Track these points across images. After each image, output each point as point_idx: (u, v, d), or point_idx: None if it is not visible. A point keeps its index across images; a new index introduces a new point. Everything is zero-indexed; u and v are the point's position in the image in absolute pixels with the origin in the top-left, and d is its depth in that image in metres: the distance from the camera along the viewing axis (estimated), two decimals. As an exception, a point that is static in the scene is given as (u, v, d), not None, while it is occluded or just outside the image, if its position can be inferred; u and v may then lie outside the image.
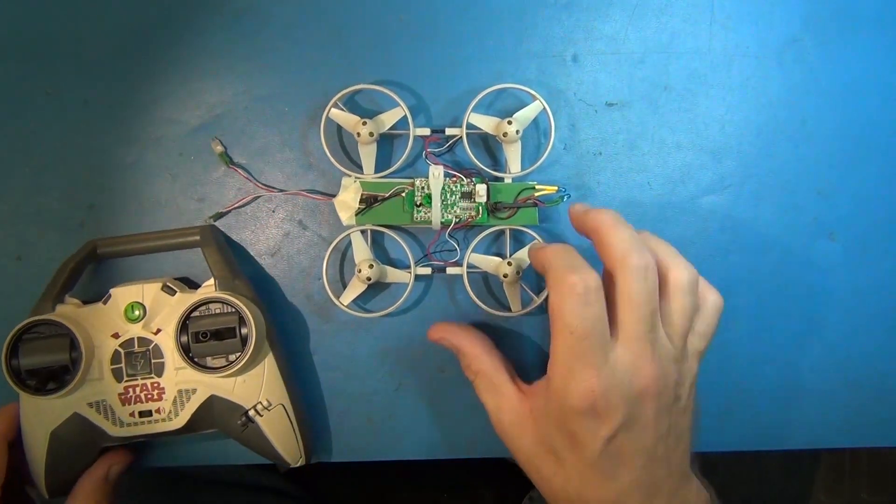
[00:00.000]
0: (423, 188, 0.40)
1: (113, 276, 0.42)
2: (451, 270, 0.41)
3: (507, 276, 0.40)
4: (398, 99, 0.40)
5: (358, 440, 0.43)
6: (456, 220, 0.40)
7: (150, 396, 0.37)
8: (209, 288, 0.39)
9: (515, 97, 0.42)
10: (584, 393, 0.30)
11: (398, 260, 0.42)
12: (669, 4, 0.42)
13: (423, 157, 0.42)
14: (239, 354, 0.36)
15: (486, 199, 0.40)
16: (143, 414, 0.37)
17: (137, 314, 0.38)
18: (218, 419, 0.38)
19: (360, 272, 0.40)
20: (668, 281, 0.33)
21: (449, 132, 0.41)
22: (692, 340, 0.34)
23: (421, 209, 0.40)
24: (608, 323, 0.31)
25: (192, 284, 0.41)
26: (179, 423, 0.37)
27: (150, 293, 0.38)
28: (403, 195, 0.40)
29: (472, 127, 0.41)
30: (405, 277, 0.41)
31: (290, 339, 0.42)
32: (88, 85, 0.42)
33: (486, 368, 0.36)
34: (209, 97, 0.42)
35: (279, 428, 0.38)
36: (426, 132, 0.41)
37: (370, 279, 0.40)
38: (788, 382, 0.43)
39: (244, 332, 0.37)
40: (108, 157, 0.42)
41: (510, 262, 0.40)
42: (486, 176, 0.41)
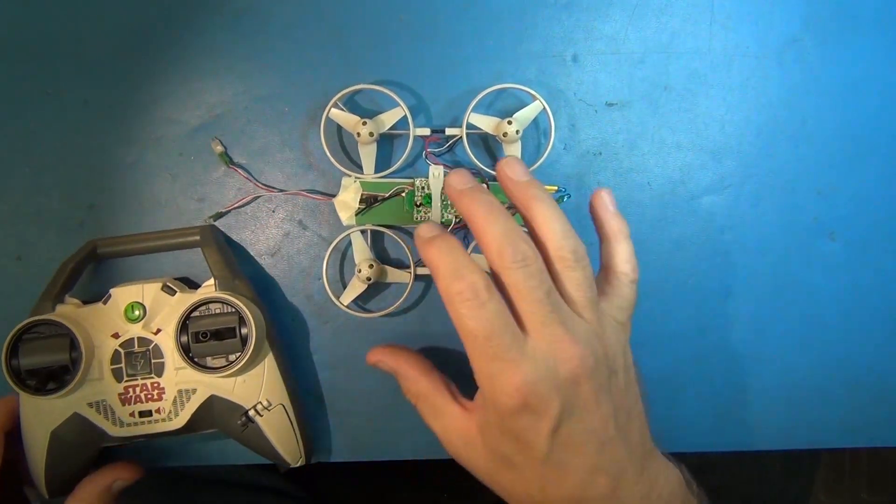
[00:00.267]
0: (423, 188, 0.40)
1: (113, 276, 0.42)
2: (451, 270, 0.41)
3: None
4: (398, 99, 0.40)
5: (358, 440, 0.43)
6: (456, 220, 0.40)
7: (150, 396, 0.37)
8: (209, 288, 0.39)
9: (515, 97, 0.42)
10: (511, 391, 0.29)
11: (398, 260, 0.42)
12: (669, 4, 0.42)
13: (423, 157, 0.42)
14: (239, 354, 0.37)
15: (486, 199, 0.40)
16: (143, 414, 0.37)
17: (137, 314, 0.38)
18: (218, 419, 0.38)
19: (360, 272, 0.40)
20: (550, 258, 0.32)
21: (449, 132, 0.41)
22: (609, 311, 0.33)
23: (421, 209, 0.40)
24: (512, 317, 0.30)
25: (192, 284, 0.42)
26: (179, 423, 0.37)
27: (150, 293, 0.38)
28: (403, 195, 0.40)
29: (472, 127, 0.41)
30: (405, 277, 0.41)
31: (290, 339, 0.42)
32: (88, 85, 0.42)
33: (425, 391, 0.35)
34: (209, 97, 0.42)
35: (279, 428, 0.38)
36: (426, 132, 0.41)
37: (370, 279, 0.40)
38: (788, 382, 0.43)
39: (244, 332, 0.37)
40: (108, 157, 0.42)
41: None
42: (486, 176, 0.41)
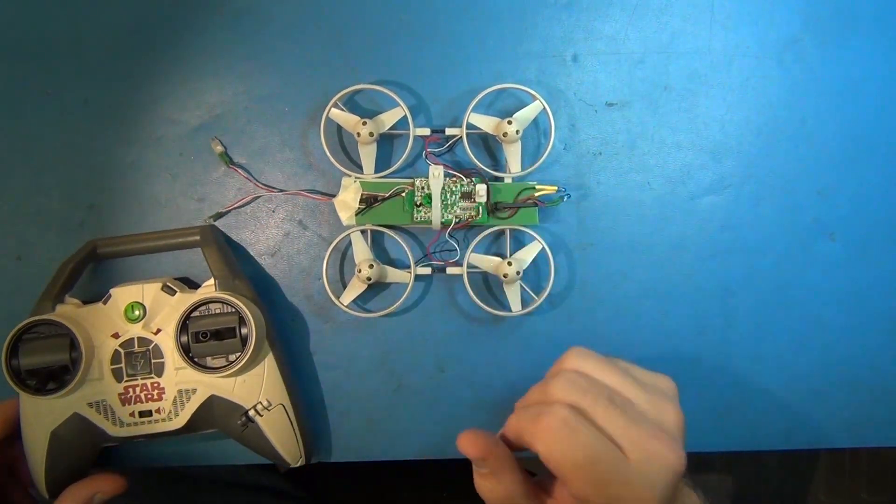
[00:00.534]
0: (423, 188, 0.40)
1: (113, 276, 0.42)
2: (451, 270, 0.41)
3: (507, 276, 0.40)
4: (398, 99, 0.40)
5: (358, 440, 0.43)
6: (456, 220, 0.40)
7: (150, 396, 0.37)
8: (209, 288, 0.39)
9: (515, 97, 0.42)
10: None
11: (398, 260, 0.42)
12: (669, 4, 0.42)
13: (423, 157, 0.42)
14: (239, 354, 0.36)
15: (486, 199, 0.40)
16: (143, 414, 0.37)
17: (137, 314, 0.38)
18: (218, 419, 0.38)
19: (360, 272, 0.40)
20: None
21: (449, 132, 0.41)
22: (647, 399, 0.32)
23: (421, 209, 0.40)
24: (607, 438, 0.29)
25: (192, 284, 0.42)
26: (179, 423, 0.37)
27: (150, 293, 0.38)
28: (403, 195, 0.40)
29: (472, 127, 0.40)
30: (405, 277, 0.41)
31: (290, 339, 0.42)
32: (88, 85, 0.42)
33: (518, 498, 0.32)
34: (209, 97, 0.42)
35: (279, 428, 0.38)
36: (426, 132, 0.41)
37: (370, 279, 0.40)
38: (788, 382, 0.43)
39: (244, 332, 0.37)
40: (108, 157, 0.42)
41: (510, 262, 0.40)
42: (486, 176, 0.41)
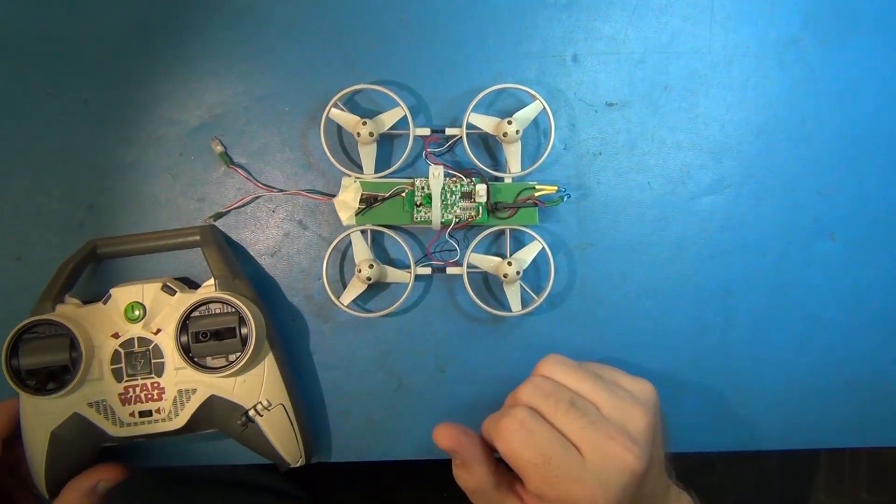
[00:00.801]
0: (423, 188, 0.40)
1: (113, 276, 0.42)
2: (451, 270, 0.41)
3: (507, 276, 0.40)
4: (398, 99, 0.40)
5: (358, 440, 0.43)
6: (456, 220, 0.40)
7: (150, 396, 0.37)
8: (209, 288, 0.39)
9: (515, 97, 0.42)
10: None
11: (398, 260, 0.42)
12: (669, 4, 0.42)
13: (423, 157, 0.42)
14: (239, 354, 0.36)
15: (486, 199, 0.40)
16: (143, 414, 0.37)
17: (137, 314, 0.38)
18: (218, 419, 0.38)
19: (360, 272, 0.40)
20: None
21: (449, 132, 0.41)
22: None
23: (421, 209, 0.40)
24: (563, 438, 0.32)
25: (192, 284, 0.41)
26: (179, 423, 0.37)
27: (150, 293, 0.38)
28: (403, 195, 0.40)
29: (472, 127, 0.40)
30: (405, 277, 0.41)
31: (290, 339, 0.42)
32: (88, 85, 0.42)
33: (489, 488, 0.35)
34: (209, 97, 0.42)
35: (279, 428, 0.38)
36: (426, 132, 0.41)
37: (370, 279, 0.40)
38: (788, 382, 0.43)
39: (244, 331, 0.37)
40: (108, 157, 0.42)
41: (510, 262, 0.40)
42: (486, 176, 0.41)
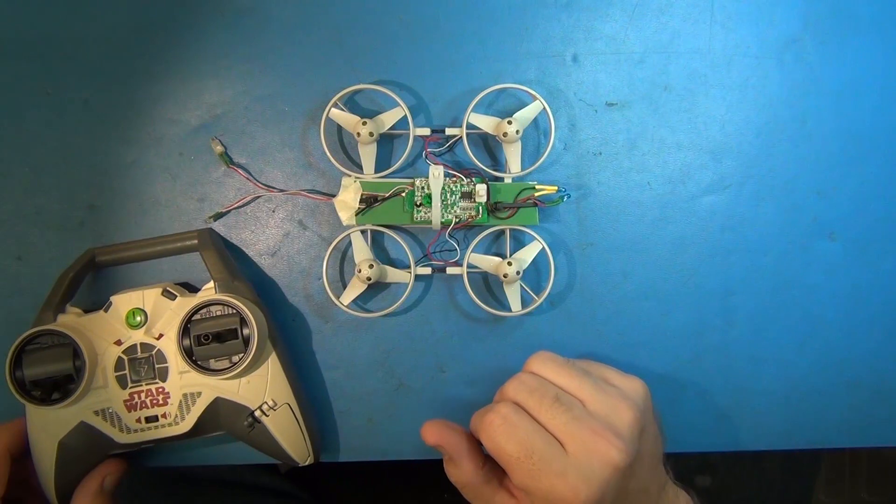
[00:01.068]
0: (423, 188, 0.40)
1: (112, 283, 0.42)
2: (451, 270, 0.41)
3: (507, 276, 0.40)
4: (398, 99, 0.40)
5: (358, 440, 0.43)
6: (456, 220, 0.40)
7: (155, 401, 0.37)
8: (209, 291, 0.39)
9: (515, 97, 0.42)
10: (572, 502, 0.31)
11: (398, 260, 0.42)
12: (669, 4, 0.42)
13: (423, 157, 0.42)
14: (242, 355, 0.36)
15: (486, 199, 0.40)
16: (149, 419, 0.37)
17: (139, 320, 0.38)
18: (224, 421, 0.38)
19: (360, 272, 0.40)
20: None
21: (449, 132, 0.41)
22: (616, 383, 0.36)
23: (421, 209, 0.40)
24: (546, 432, 0.32)
25: (191, 289, 0.41)
26: (186, 426, 0.37)
27: (150, 299, 0.38)
28: (403, 195, 0.40)
29: (472, 127, 0.40)
30: (405, 277, 0.41)
31: (290, 339, 0.42)
32: (88, 85, 0.42)
33: (478, 482, 0.36)
34: (209, 97, 0.42)
35: (286, 427, 0.38)
36: (426, 132, 0.41)
37: (370, 279, 0.40)
38: (788, 382, 0.43)
39: (246, 332, 0.37)
40: (108, 157, 0.42)
41: (510, 262, 0.40)
42: (486, 176, 0.41)
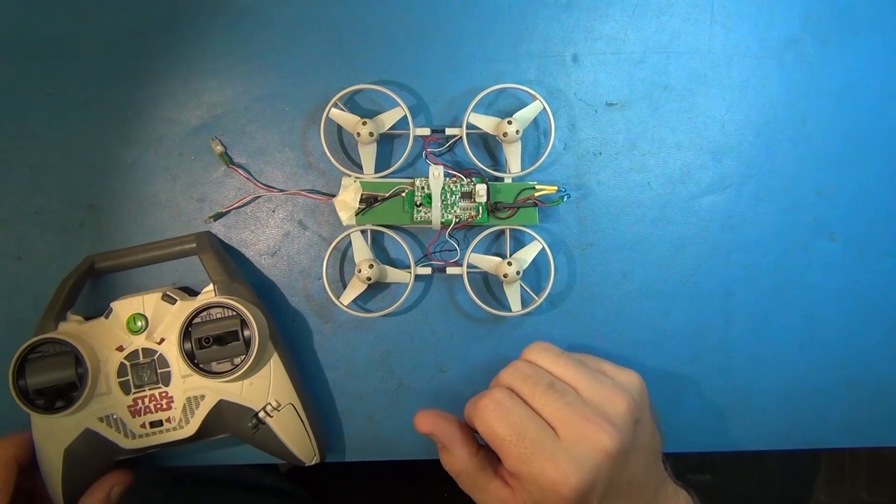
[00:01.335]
0: (423, 188, 0.40)
1: (112, 290, 0.42)
2: (451, 270, 0.41)
3: (507, 276, 0.40)
4: (398, 99, 0.40)
5: (358, 440, 0.43)
6: (456, 220, 0.40)
7: (159, 406, 0.37)
8: (209, 294, 0.39)
9: (515, 97, 0.42)
10: (558, 497, 0.31)
11: (398, 260, 0.42)
12: (669, 4, 0.42)
13: (423, 157, 0.42)
14: (243, 357, 0.36)
15: (486, 199, 0.40)
16: (153, 424, 0.37)
17: (140, 325, 0.38)
18: (229, 424, 0.38)
19: (360, 272, 0.40)
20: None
21: (449, 132, 0.41)
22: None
23: (421, 209, 0.40)
24: (538, 417, 0.33)
25: (191, 292, 0.41)
26: (190, 430, 0.37)
27: (150, 304, 0.38)
28: (403, 195, 0.40)
29: (472, 127, 0.40)
30: (405, 277, 0.41)
31: (291, 339, 0.42)
32: (88, 85, 0.42)
33: (469, 469, 0.36)
34: (209, 97, 0.42)
35: (291, 427, 0.38)
36: (426, 132, 0.41)
37: (370, 279, 0.40)
38: (788, 382, 0.43)
39: (247, 334, 0.37)
40: (108, 157, 0.42)
41: (510, 262, 0.40)
42: (486, 176, 0.41)
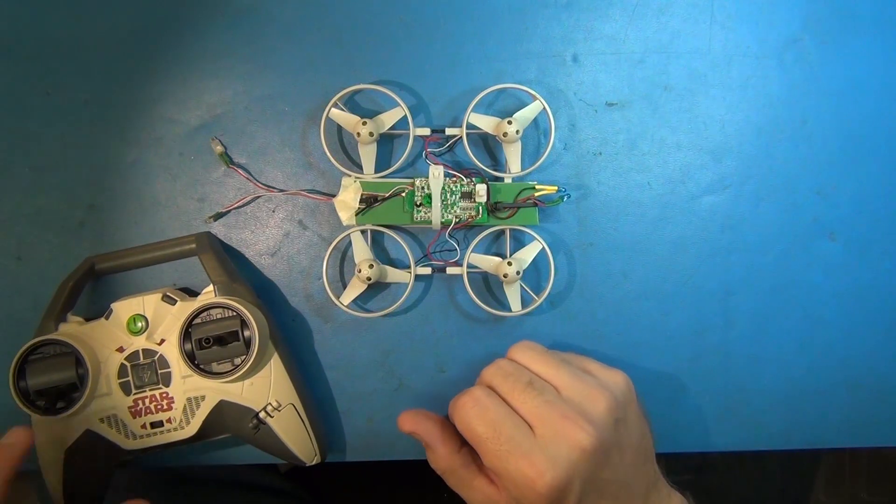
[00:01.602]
0: (423, 188, 0.40)
1: (112, 291, 0.42)
2: (451, 270, 0.41)
3: (507, 276, 0.40)
4: (398, 99, 0.40)
5: (358, 440, 0.43)
6: (456, 220, 0.40)
7: (159, 407, 0.37)
8: (209, 294, 0.39)
9: (515, 97, 0.42)
10: (535, 496, 0.31)
11: (398, 260, 0.42)
12: (669, 4, 0.42)
13: (423, 157, 0.42)
14: (244, 357, 0.36)
15: (486, 199, 0.40)
16: (154, 425, 0.37)
17: (140, 326, 0.38)
18: (229, 424, 0.38)
19: (360, 272, 0.40)
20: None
21: (449, 132, 0.41)
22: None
23: (421, 209, 0.40)
24: (516, 415, 0.33)
25: (191, 293, 0.41)
26: (191, 430, 0.37)
27: (150, 304, 0.38)
28: (403, 195, 0.40)
29: (472, 127, 0.40)
30: (405, 277, 0.41)
31: (291, 339, 0.42)
32: (88, 85, 0.42)
33: (454, 466, 0.36)
34: (209, 97, 0.42)
35: (291, 427, 0.38)
36: (426, 132, 0.41)
37: (370, 279, 0.40)
38: (788, 382, 0.43)
39: (247, 334, 0.37)
40: (108, 157, 0.42)
41: (510, 262, 0.40)
42: (486, 176, 0.41)
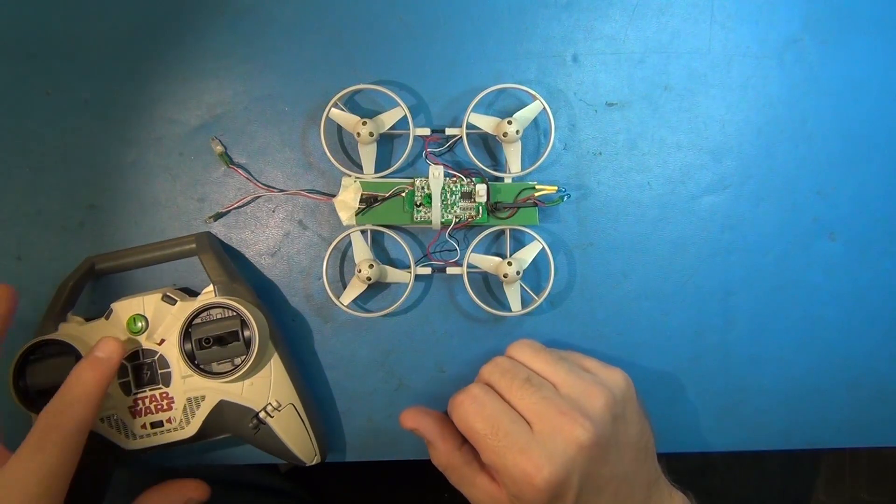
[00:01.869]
0: (423, 188, 0.40)
1: (112, 291, 0.42)
2: (451, 270, 0.41)
3: (507, 276, 0.40)
4: (398, 99, 0.40)
5: (358, 440, 0.43)
6: (456, 220, 0.40)
7: (159, 407, 0.37)
8: (209, 294, 0.39)
9: (515, 97, 0.42)
10: (533, 492, 0.31)
11: (398, 260, 0.42)
12: (669, 4, 0.42)
13: (423, 157, 0.42)
14: (244, 357, 0.36)
15: (486, 199, 0.40)
16: (154, 425, 0.37)
17: (140, 326, 0.38)
18: (229, 424, 0.38)
19: (360, 272, 0.40)
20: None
21: (449, 132, 0.41)
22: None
23: (421, 209, 0.40)
24: (514, 411, 0.33)
25: (191, 293, 0.41)
26: (191, 430, 0.37)
27: (150, 304, 0.38)
28: (403, 195, 0.40)
29: (472, 127, 0.40)
30: (405, 277, 0.41)
31: (291, 339, 0.42)
32: (88, 85, 0.42)
33: (456, 463, 0.36)
34: (209, 97, 0.42)
35: (291, 428, 0.38)
36: (426, 132, 0.41)
37: (370, 279, 0.40)
38: (788, 382, 0.43)
39: (247, 334, 0.37)
40: (108, 157, 0.42)
41: (510, 262, 0.40)
42: (486, 176, 0.41)
